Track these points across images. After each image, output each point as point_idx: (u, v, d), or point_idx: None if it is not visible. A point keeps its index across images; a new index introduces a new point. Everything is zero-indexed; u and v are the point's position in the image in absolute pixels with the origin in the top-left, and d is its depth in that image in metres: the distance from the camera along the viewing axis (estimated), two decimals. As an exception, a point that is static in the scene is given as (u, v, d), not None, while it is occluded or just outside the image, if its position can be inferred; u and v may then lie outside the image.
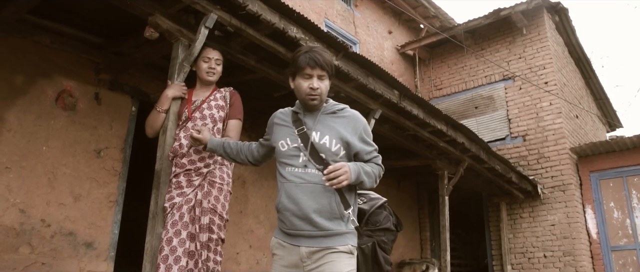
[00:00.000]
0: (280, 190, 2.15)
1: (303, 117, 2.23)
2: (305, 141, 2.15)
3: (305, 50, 2.19)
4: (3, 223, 4.02)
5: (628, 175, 8.47)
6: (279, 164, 2.21)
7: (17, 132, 4.22)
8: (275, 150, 2.24)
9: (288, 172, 2.14)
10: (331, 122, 2.21)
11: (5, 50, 4.24)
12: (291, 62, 2.24)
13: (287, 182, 2.12)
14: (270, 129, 2.35)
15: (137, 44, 4.38)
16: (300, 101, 2.25)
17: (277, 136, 2.25)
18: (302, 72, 2.15)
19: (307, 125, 2.19)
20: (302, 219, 2.05)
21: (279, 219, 2.15)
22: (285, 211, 2.09)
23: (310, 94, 2.15)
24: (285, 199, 2.10)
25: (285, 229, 2.11)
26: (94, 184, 4.65)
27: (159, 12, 3.44)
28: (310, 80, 2.15)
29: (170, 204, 2.96)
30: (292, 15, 3.68)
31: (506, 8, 9.56)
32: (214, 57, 3.38)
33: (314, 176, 2.10)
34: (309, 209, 2.04)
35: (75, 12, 4.19)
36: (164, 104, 3.27)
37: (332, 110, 2.26)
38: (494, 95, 9.96)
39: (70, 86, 4.64)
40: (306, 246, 2.05)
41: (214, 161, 3.13)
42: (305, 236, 2.06)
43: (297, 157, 2.15)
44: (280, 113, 2.34)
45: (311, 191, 2.07)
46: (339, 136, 2.17)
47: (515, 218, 9.06)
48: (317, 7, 8.83)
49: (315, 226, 2.04)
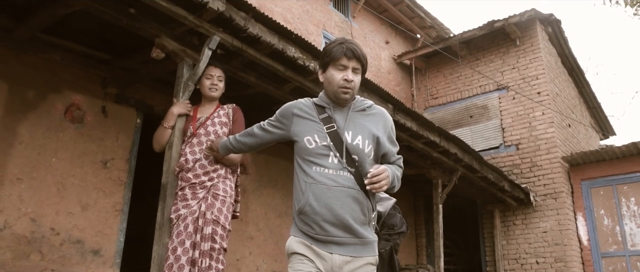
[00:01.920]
0: (304, 191, 1.97)
1: (332, 114, 2.07)
2: (337, 141, 2.00)
3: (340, 41, 2.06)
4: (15, 232, 4.23)
5: (618, 183, 8.70)
6: (303, 161, 2.03)
7: (28, 144, 4.44)
8: (297, 145, 2.07)
9: (317, 172, 1.97)
10: (362, 120, 2.09)
11: (19, 67, 4.46)
12: (323, 53, 2.10)
13: (316, 184, 1.95)
14: (288, 119, 2.14)
15: (144, 61, 4.59)
16: (329, 94, 2.09)
17: (300, 129, 2.08)
18: (336, 62, 2.03)
19: (338, 124, 2.04)
20: (336, 225, 1.92)
21: (303, 221, 1.98)
22: (314, 215, 1.94)
23: (344, 86, 2.02)
24: (314, 202, 1.94)
25: (313, 234, 1.95)
26: (100, 193, 4.86)
27: (165, 34, 3.67)
28: (345, 72, 2.03)
29: (176, 216, 3.17)
30: (291, 36, 3.90)
31: (500, 20, 9.81)
32: (216, 75, 3.61)
33: (348, 180, 1.97)
34: (347, 216, 1.92)
35: (84, 31, 4.41)
36: (170, 120, 3.48)
37: (361, 107, 2.13)
38: (488, 104, 10.19)
39: (78, 100, 4.86)
40: (340, 253, 1.92)
41: (218, 175, 3.34)
42: (337, 243, 1.93)
43: (326, 157, 1.99)
44: (301, 104, 2.15)
45: (346, 196, 1.94)
46: (371, 136, 2.06)
47: (509, 225, 9.28)
48: (316, 19, 9.06)
49: (352, 233, 1.93)
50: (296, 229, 2.01)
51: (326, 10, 9.43)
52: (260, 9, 7.66)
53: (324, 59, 2.08)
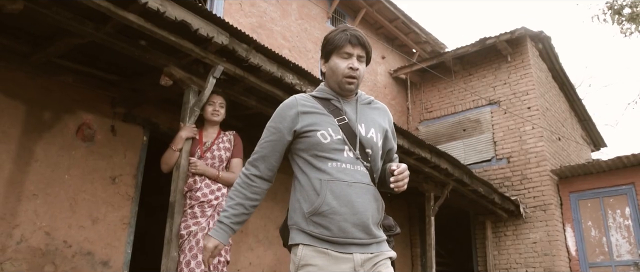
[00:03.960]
0: (320, 189, 1.79)
1: (341, 105, 1.95)
2: (350, 134, 1.87)
3: (343, 29, 1.94)
4: (31, 245, 4.52)
5: (604, 196, 9.02)
6: (315, 157, 1.85)
7: (43, 162, 4.74)
8: (307, 141, 1.87)
9: (333, 168, 1.82)
10: (370, 113, 2.00)
11: (34, 89, 4.78)
12: (326, 41, 1.97)
13: (334, 181, 1.79)
14: (291, 121, 1.91)
15: (152, 83, 4.91)
16: (333, 85, 1.97)
17: (312, 124, 1.88)
18: (340, 50, 1.90)
19: (349, 116, 1.92)
20: (357, 225, 1.78)
21: (317, 223, 1.78)
22: (333, 215, 1.76)
23: (349, 75, 1.89)
24: (333, 200, 1.77)
25: (330, 237, 1.77)
26: (109, 208, 5.16)
27: (173, 63, 3.99)
28: (350, 60, 1.90)
29: (187, 232, 3.49)
30: (289, 65, 4.23)
31: (491, 37, 10.15)
32: (218, 102, 3.95)
33: (364, 175, 1.85)
34: (368, 215, 1.80)
35: (95, 55, 4.73)
36: (178, 143, 3.80)
37: (367, 100, 2.04)
38: (480, 118, 10.52)
39: (89, 119, 5.17)
40: (360, 252, 1.79)
41: (222, 194, 3.67)
42: (357, 244, 1.79)
43: (341, 152, 1.85)
44: (301, 100, 1.95)
45: (365, 193, 1.82)
46: (382, 129, 1.98)
47: (500, 236, 9.59)
48: (314, 36, 9.41)
49: (370, 234, 1.81)
50: (305, 235, 1.79)
51: (324, 27, 9.77)
52: (260, 28, 8.03)
53: (326, 48, 1.95)
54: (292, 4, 9.03)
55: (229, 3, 7.73)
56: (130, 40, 3.82)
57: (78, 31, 3.64)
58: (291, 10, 9.02)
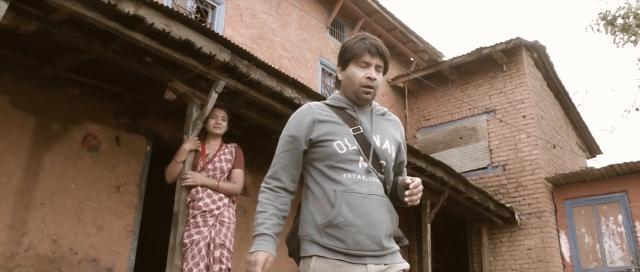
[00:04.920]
0: (335, 201, 1.77)
1: (356, 115, 1.92)
2: (365, 145, 1.85)
3: (362, 37, 1.91)
4: (39, 252, 4.69)
5: (598, 203, 9.19)
6: (330, 168, 1.82)
7: (51, 172, 4.91)
8: (323, 151, 1.84)
9: (349, 179, 1.79)
10: (384, 124, 1.98)
11: (42, 102, 4.96)
12: (343, 49, 1.94)
13: (350, 193, 1.77)
14: (309, 127, 1.88)
15: (155, 96, 5.09)
16: (349, 94, 1.94)
17: (328, 133, 1.85)
18: (358, 59, 1.87)
19: (364, 126, 1.89)
20: (372, 237, 1.75)
21: (330, 235, 1.75)
22: (348, 227, 1.74)
23: (366, 84, 1.87)
24: (348, 212, 1.75)
25: (345, 249, 1.74)
26: (114, 216, 5.33)
27: (177, 78, 4.17)
28: (368, 70, 1.87)
29: (190, 241, 3.66)
30: (288, 80, 4.41)
31: (487, 47, 10.35)
32: (220, 115, 4.13)
33: (378, 187, 1.83)
34: (383, 228, 1.78)
35: (102, 70, 4.91)
36: (182, 156, 3.97)
37: (381, 111, 2.02)
38: (477, 126, 10.70)
39: (94, 130, 5.34)
40: (374, 263, 1.76)
41: (223, 204, 3.84)
42: (371, 256, 1.76)
43: (356, 163, 1.82)
44: (316, 108, 1.92)
45: (380, 205, 1.80)
46: (395, 141, 1.97)
47: (495, 242, 9.75)
48: (313, 46, 9.59)
49: (384, 246, 1.79)
50: (318, 247, 1.76)
51: (323, 37, 9.96)
52: (260, 39, 8.22)
53: (344, 55, 1.92)
54: (291, 15, 9.23)
55: (230, 15, 7.92)
56: (136, 57, 4.00)
57: (86, 49, 3.82)
58: (291, 21, 9.22)
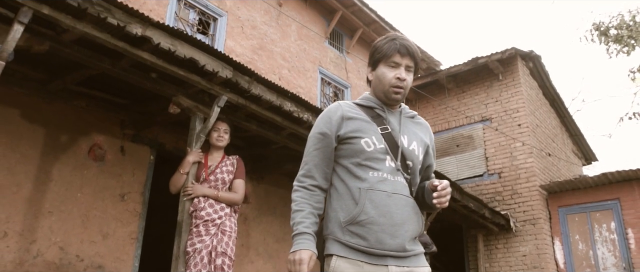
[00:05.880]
0: (359, 198, 1.77)
1: (385, 115, 1.92)
2: (392, 145, 1.85)
3: (392, 38, 1.91)
4: (46, 259, 4.87)
5: (591, 210, 9.37)
6: (357, 165, 1.83)
7: (58, 181, 5.10)
8: (350, 148, 1.84)
9: (375, 177, 1.79)
10: (413, 126, 1.98)
11: (51, 114, 5.15)
12: (374, 50, 1.94)
13: (374, 191, 1.77)
14: (339, 123, 1.89)
15: (159, 108, 5.28)
16: (379, 94, 1.94)
17: (356, 130, 1.86)
18: (388, 59, 1.87)
19: (392, 126, 1.90)
20: (394, 237, 1.74)
21: (353, 232, 1.75)
22: (371, 225, 1.73)
23: (396, 85, 1.87)
24: (372, 210, 1.74)
25: (367, 247, 1.73)
26: (118, 224, 5.51)
27: (181, 93, 4.36)
28: (398, 70, 1.87)
29: (193, 249, 3.84)
30: (287, 94, 4.60)
31: (483, 56, 10.55)
32: (222, 128, 4.31)
33: (404, 187, 1.83)
34: (407, 227, 1.77)
35: (109, 83, 5.10)
36: (186, 167, 4.15)
37: (411, 114, 2.02)
38: (473, 135, 10.89)
39: (100, 140, 5.53)
40: (396, 265, 1.75)
41: (225, 214, 4.02)
42: (393, 256, 1.75)
43: (383, 161, 1.82)
44: (345, 106, 1.93)
45: (405, 205, 1.79)
46: (423, 144, 1.96)
47: (491, 249, 9.92)
48: (312, 56, 9.80)
49: (407, 247, 1.77)
50: (340, 245, 1.76)
51: (322, 47, 10.17)
52: (261, 50, 8.41)
53: (374, 56, 1.93)
54: (291, 26, 9.43)
55: (231, 26, 8.13)
56: (142, 73, 4.19)
57: (95, 66, 4.01)
58: (291, 31, 9.42)
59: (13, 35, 3.11)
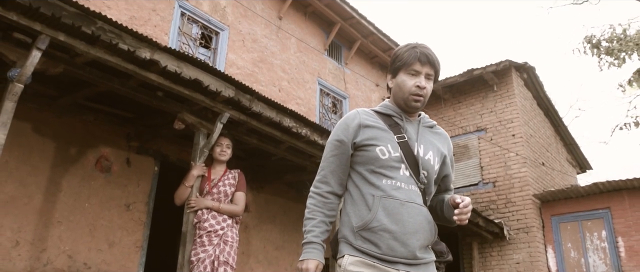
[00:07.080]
0: (372, 205, 1.80)
1: (403, 123, 1.93)
2: (408, 153, 1.86)
3: (413, 46, 1.92)
4: (56, 267, 5.10)
5: (583, 219, 9.61)
6: (372, 173, 1.85)
7: (67, 192, 5.34)
8: (365, 155, 1.87)
9: (388, 185, 1.81)
10: (430, 136, 1.98)
11: (60, 128, 5.39)
12: (394, 58, 1.96)
13: (387, 198, 1.79)
14: (356, 131, 1.91)
15: (164, 122, 5.52)
16: (399, 102, 1.96)
17: (372, 138, 1.88)
18: (408, 67, 1.89)
19: (409, 135, 1.91)
20: (405, 245, 1.76)
21: (365, 238, 1.78)
22: (383, 232, 1.76)
23: (416, 93, 1.88)
24: (384, 217, 1.77)
25: (378, 253, 1.76)
26: (124, 232, 5.74)
27: (185, 110, 4.60)
28: (418, 78, 1.88)
29: (196, 259, 4.07)
30: (286, 111, 4.85)
31: (478, 68, 10.81)
32: (225, 143, 4.56)
33: (418, 196, 1.84)
34: (419, 236, 1.78)
35: (116, 99, 5.34)
36: (190, 181, 4.39)
37: (430, 123, 2.03)
38: (468, 144, 11.14)
39: (106, 152, 5.77)
40: (406, 271, 1.78)
41: (227, 225, 4.25)
42: (405, 263, 1.77)
43: (397, 170, 1.84)
44: (363, 114, 1.96)
45: (418, 214, 1.80)
46: (440, 154, 1.96)
47: (486, 256, 10.15)
48: (311, 68, 10.05)
49: (418, 255, 1.79)
50: (352, 248, 1.80)
51: (321, 59, 10.43)
52: (261, 62, 8.66)
53: (394, 64, 1.95)
54: (291, 39, 9.69)
55: (232, 40, 8.38)
56: (149, 92, 4.44)
57: (105, 85, 4.25)
58: (290, 44, 9.68)
59: (31, 61, 3.36)
